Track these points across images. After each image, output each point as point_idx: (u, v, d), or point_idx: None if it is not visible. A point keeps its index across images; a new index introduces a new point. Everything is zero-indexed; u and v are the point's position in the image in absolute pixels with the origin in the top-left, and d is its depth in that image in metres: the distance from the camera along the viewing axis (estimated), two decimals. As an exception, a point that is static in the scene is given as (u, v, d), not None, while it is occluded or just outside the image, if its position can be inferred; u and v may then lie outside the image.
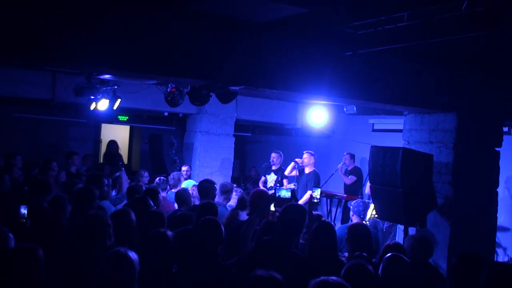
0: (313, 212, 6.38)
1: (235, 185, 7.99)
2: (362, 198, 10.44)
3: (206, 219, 4.68)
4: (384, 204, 7.40)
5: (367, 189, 9.89)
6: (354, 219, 7.35)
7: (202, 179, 7.65)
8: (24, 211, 5.36)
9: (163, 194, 7.94)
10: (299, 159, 10.24)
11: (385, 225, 8.68)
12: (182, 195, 7.08)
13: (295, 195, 7.21)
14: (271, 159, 10.65)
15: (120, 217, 4.93)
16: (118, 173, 8.70)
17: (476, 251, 7.40)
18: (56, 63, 7.11)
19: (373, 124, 12.12)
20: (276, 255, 4.39)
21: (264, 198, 6.03)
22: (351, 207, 7.43)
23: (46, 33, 5.27)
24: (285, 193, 6.60)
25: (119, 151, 14.44)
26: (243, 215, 6.51)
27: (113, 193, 8.39)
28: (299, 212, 5.23)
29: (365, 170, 9.49)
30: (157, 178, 8.70)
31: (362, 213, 7.40)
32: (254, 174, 13.00)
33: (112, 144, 14.27)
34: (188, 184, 8.60)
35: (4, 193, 5.83)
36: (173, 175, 9.10)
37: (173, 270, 4.26)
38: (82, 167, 10.63)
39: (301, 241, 5.51)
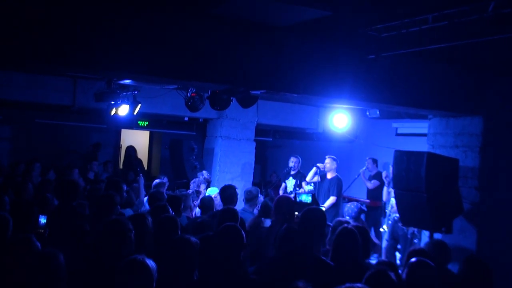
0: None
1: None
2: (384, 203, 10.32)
3: (227, 225, 4.61)
4: (408, 209, 7.29)
5: (385, 195, 9.65)
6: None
7: (223, 184, 7.58)
8: (43, 221, 5.30)
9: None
10: (321, 164, 10.11)
11: (409, 231, 8.53)
12: (206, 202, 7.03)
13: (315, 199, 7.12)
14: (292, 164, 10.55)
15: (137, 221, 4.86)
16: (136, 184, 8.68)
17: (504, 257, 7.32)
18: (78, 70, 7.13)
19: (396, 128, 11.97)
20: (299, 262, 4.31)
21: (289, 204, 5.96)
22: (346, 210, 7.24)
23: (68, 40, 5.27)
24: (305, 198, 6.54)
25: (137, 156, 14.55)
26: (267, 222, 6.42)
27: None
28: (318, 216, 5.14)
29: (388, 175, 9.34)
30: (190, 190, 8.69)
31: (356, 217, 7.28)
32: (275, 179, 12.91)
33: (130, 150, 14.33)
34: (211, 192, 8.57)
35: (27, 201, 5.79)
36: (193, 182, 9.12)
37: (195, 277, 4.19)
38: (103, 173, 10.63)
39: (327, 247, 5.41)
